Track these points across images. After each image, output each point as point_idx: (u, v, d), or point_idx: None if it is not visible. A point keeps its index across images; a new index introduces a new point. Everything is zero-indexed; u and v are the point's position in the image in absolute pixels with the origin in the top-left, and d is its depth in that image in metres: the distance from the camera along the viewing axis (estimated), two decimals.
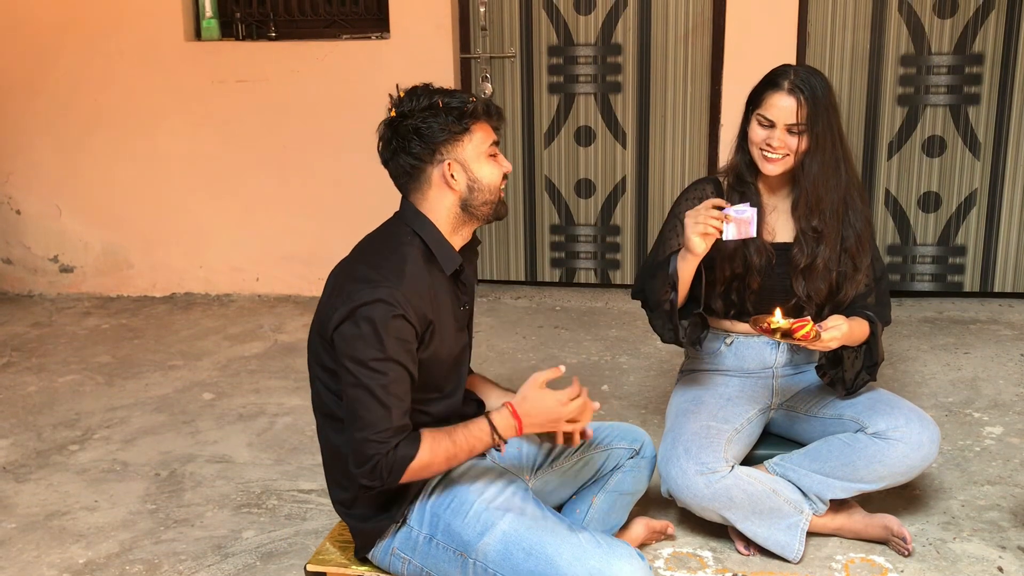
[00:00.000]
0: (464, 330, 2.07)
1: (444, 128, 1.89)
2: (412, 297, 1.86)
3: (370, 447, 1.81)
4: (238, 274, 4.66)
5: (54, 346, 4.06)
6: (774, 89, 2.28)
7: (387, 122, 1.95)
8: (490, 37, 4.33)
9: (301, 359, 3.84)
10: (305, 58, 4.37)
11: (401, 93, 1.95)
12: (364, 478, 1.84)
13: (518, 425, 1.90)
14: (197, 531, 2.58)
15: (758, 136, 2.31)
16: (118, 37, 4.46)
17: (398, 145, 1.92)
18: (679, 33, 4.19)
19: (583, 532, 1.89)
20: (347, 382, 1.84)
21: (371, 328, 1.81)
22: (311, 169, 4.48)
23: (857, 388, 2.39)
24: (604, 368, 3.64)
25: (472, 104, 1.91)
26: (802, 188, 2.32)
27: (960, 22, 4.01)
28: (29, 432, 3.21)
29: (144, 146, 4.56)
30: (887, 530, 2.39)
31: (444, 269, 1.96)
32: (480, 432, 1.89)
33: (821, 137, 2.27)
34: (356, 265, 1.94)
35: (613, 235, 4.47)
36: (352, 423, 1.83)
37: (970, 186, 4.16)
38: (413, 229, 1.96)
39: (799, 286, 2.36)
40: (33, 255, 4.78)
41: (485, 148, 1.95)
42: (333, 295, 1.91)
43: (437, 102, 1.90)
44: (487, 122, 1.95)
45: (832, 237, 2.34)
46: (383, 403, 1.81)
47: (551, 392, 1.92)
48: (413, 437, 1.86)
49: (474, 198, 1.95)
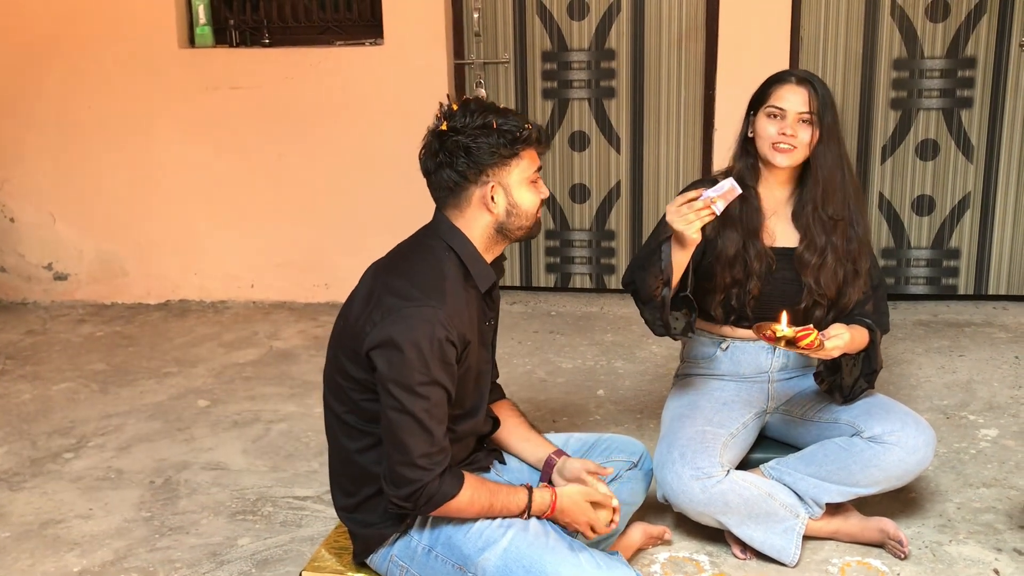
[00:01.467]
0: (487, 346, 2.06)
1: (494, 151, 1.86)
2: (454, 316, 1.84)
3: (413, 472, 1.81)
4: (233, 281, 4.66)
5: (48, 354, 4.05)
6: (782, 83, 2.32)
7: (436, 133, 1.90)
8: (484, 43, 4.33)
9: (296, 366, 3.85)
10: (299, 64, 4.37)
11: (455, 105, 1.91)
12: (398, 499, 1.83)
13: (551, 513, 1.97)
14: (192, 538, 2.57)
15: (768, 130, 2.32)
16: (112, 44, 4.45)
17: (444, 159, 1.88)
18: (672, 38, 4.20)
19: (583, 552, 1.88)
20: (388, 405, 1.82)
21: (416, 352, 1.79)
22: (305, 175, 4.48)
23: (855, 396, 2.39)
24: (599, 373, 3.64)
25: (527, 131, 1.89)
26: (817, 178, 2.34)
27: (952, 26, 4.03)
28: (23, 440, 3.20)
29: (138, 153, 4.56)
30: (883, 533, 2.39)
31: (479, 286, 1.94)
32: (518, 501, 1.94)
33: (830, 130, 2.30)
34: (395, 278, 1.90)
35: (608, 240, 4.47)
36: (393, 447, 1.82)
37: (963, 189, 4.18)
38: (448, 243, 1.93)
39: (810, 282, 2.36)
40: (27, 263, 4.77)
41: (529, 174, 1.92)
42: (370, 307, 1.87)
43: (491, 122, 1.86)
44: (536, 149, 1.93)
45: (844, 229, 2.35)
46: (427, 428, 1.81)
47: (594, 512, 1.99)
48: (457, 475, 1.86)
49: (511, 222, 1.93)
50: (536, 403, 3.36)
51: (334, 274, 4.48)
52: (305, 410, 3.37)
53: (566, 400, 3.39)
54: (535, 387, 3.51)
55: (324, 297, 4.51)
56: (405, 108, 4.28)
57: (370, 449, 1.93)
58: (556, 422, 3.20)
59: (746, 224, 2.36)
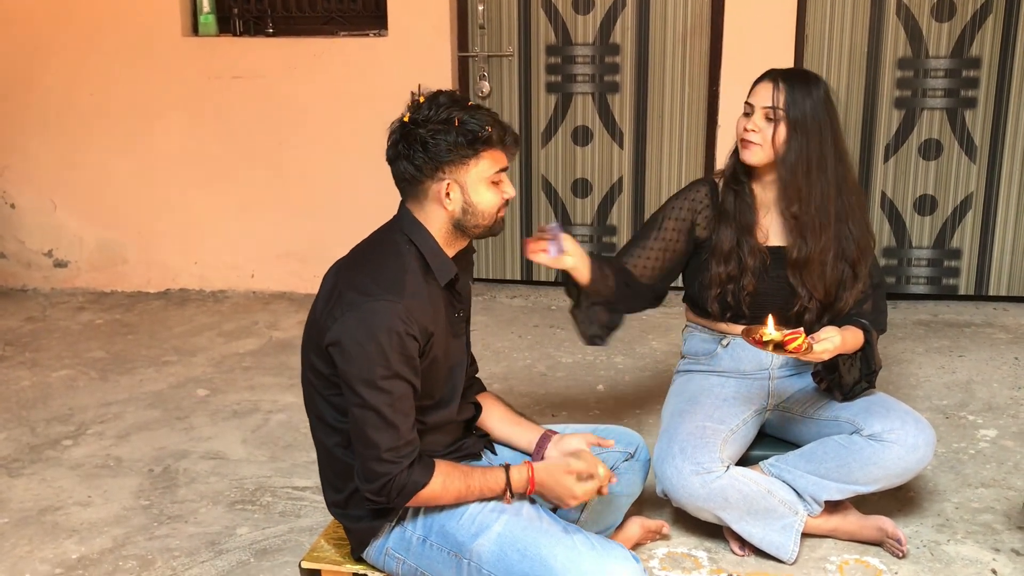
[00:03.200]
0: (460, 338, 2.05)
1: (452, 148, 1.83)
2: (414, 310, 1.83)
3: (381, 466, 1.81)
4: (233, 271, 4.65)
5: (48, 341, 4.04)
6: (760, 79, 2.34)
7: (399, 123, 1.89)
8: (488, 36, 4.33)
9: (296, 356, 3.81)
10: (302, 55, 4.36)
11: (422, 97, 1.88)
12: (371, 495, 1.84)
13: (530, 488, 1.94)
14: (191, 527, 2.57)
15: (739, 126, 2.35)
16: (115, 32, 4.44)
17: (403, 151, 1.87)
18: (677, 34, 4.20)
19: (578, 534, 1.88)
20: (352, 402, 1.82)
21: (376, 346, 1.78)
22: (307, 166, 4.48)
23: (855, 396, 2.39)
24: (599, 368, 3.64)
25: (488, 131, 1.85)
26: (778, 175, 2.33)
27: (957, 26, 4.02)
28: (22, 427, 3.20)
29: (140, 141, 4.55)
30: (882, 532, 2.39)
31: (439, 279, 1.93)
32: (495, 482, 1.92)
33: (800, 126, 2.27)
34: (355, 273, 1.90)
35: (609, 235, 4.47)
36: (360, 442, 1.83)
37: (966, 189, 4.17)
38: (409, 237, 1.92)
39: (796, 283, 2.36)
40: (27, 250, 4.77)
41: (490, 175, 1.89)
42: (331, 302, 1.87)
43: (454, 119, 1.83)
44: (501, 149, 1.90)
45: (816, 230, 2.32)
46: (391, 422, 1.81)
47: (574, 482, 1.93)
48: (427, 464, 1.86)
49: (467, 220, 1.91)
50: (536, 397, 3.36)
51: None
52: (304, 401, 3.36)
53: (566, 395, 3.39)
54: (535, 381, 3.51)
55: None
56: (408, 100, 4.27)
57: (347, 444, 1.93)
58: (555, 416, 3.20)
59: (740, 220, 2.37)
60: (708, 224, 2.43)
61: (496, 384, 3.41)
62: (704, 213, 2.43)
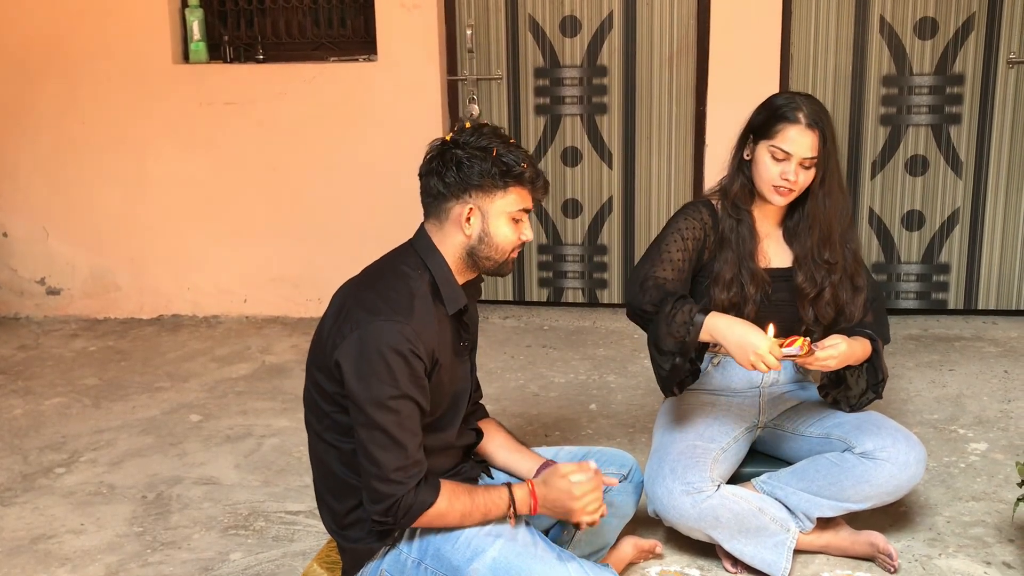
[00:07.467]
0: (465, 364, 2.06)
1: (484, 175, 1.89)
2: (422, 332, 1.85)
3: (387, 487, 1.82)
4: (226, 296, 4.66)
5: (41, 368, 4.04)
6: (791, 122, 2.27)
7: (440, 141, 1.95)
8: (477, 59, 4.36)
9: (289, 380, 3.85)
10: (293, 80, 4.39)
11: (468, 124, 1.96)
12: (378, 515, 1.85)
13: (534, 505, 1.95)
14: (184, 553, 2.57)
15: (771, 171, 2.29)
16: (106, 59, 4.47)
17: (437, 167, 1.92)
18: (664, 55, 4.24)
19: (572, 562, 1.89)
20: (359, 421, 1.83)
21: (384, 365, 1.80)
22: (299, 191, 4.49)
23: (862, 407, 2.41)
24: (592, 387, 3.65)
25: (521, 168, 1.91)
26: (815, 221, 2.34)
27: (940, 43, 4.06)
28: (15, 455, 3.20)
29: (131, 168, 4.57)
30: (873, 547, 2.40)
31: (447, 308, 1.95)
32: (499, 501, 1.93)
33: (831, 170, 2.31)
34: (366, 293, 1.92)
35: (600, 255, 4.49)
36: (367, 462, 1.83)
37: (953, 204, 4.21)
38: (424, 261, 1.95)
39: (807, 314, 2.37)
40: (20, 277, 4.77)
41: (513, 211, 1.94)
42: (340, 320, 1.89)
43: (492, 148, 1.89)
44: (530, 191, 1.95)
45: (841, 265, 2.37)
46: (399, 442, 1.82)
47: (569, 482, 1.95)
48: (433, 484, 1.87)
49: (481, 249, 1.94)
50: (528, 417, 3.37)
51: (327, 289, 4.40)
52: (297, 425, 3.37)
53: (558, 414, 3.40)
54: (527, 401, 3.52)
55: (317, 312, 4.51)
56: (398, 124, 4.30)
57: (350, 464, 1.93)
58: (548, 436, 3.20)
59: (740, 248, 2.37)
60: (712, 248, 2.42)
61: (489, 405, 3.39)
62: (711, 236, 2.41)
